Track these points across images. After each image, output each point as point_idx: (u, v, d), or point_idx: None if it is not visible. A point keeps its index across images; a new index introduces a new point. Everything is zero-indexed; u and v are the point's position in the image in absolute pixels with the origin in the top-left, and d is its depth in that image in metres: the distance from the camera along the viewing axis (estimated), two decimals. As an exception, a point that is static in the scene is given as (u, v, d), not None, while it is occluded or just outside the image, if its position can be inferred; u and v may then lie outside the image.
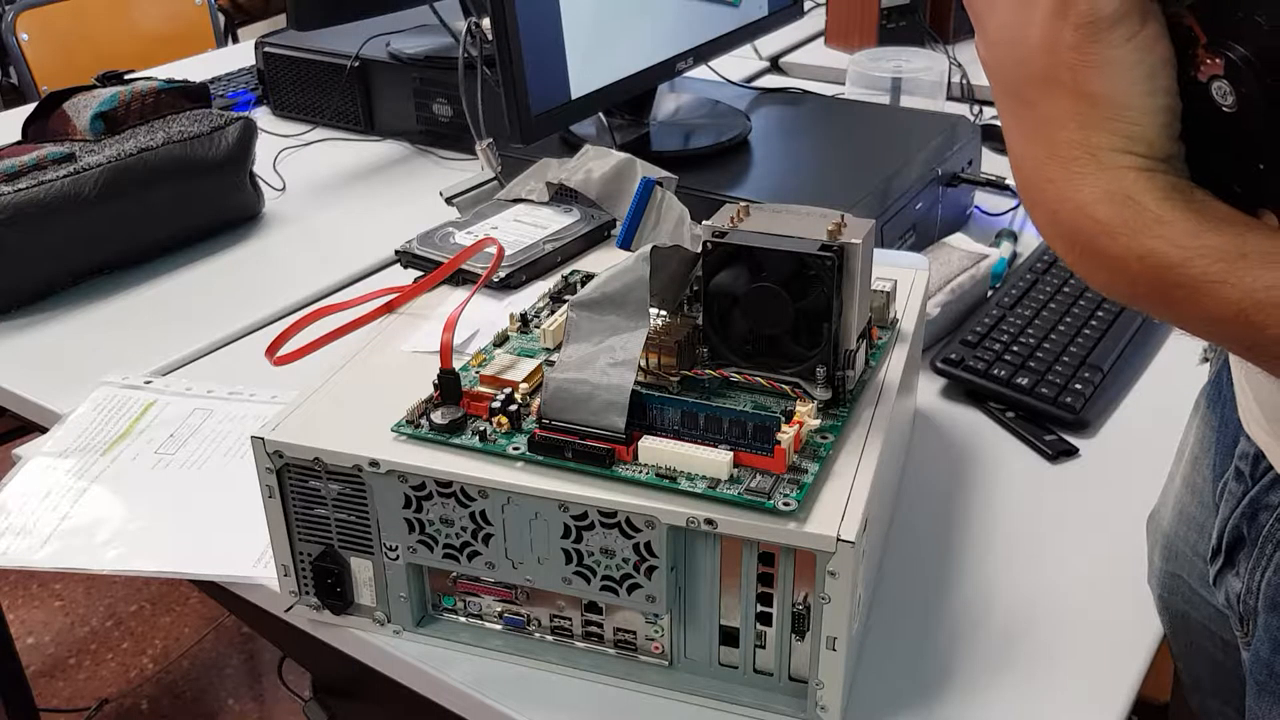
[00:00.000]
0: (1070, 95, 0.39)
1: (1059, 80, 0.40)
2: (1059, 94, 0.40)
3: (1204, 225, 0.38)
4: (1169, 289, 0.38)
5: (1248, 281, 0.36)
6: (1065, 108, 0.40)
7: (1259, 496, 0.54)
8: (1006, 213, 1.17)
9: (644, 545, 0.56)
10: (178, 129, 1.13)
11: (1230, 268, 0.37)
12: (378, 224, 1.21)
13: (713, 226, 0.61)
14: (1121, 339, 0.91)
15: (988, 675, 0.63)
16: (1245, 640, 0.56)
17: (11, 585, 2.01)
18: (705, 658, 0.60)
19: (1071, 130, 0.40)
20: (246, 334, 1.01)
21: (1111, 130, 0.39)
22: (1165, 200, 0.38)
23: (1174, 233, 0.38)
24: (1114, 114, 0.39)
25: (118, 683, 1.82)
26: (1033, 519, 0.75)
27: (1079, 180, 0.40)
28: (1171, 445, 0.70)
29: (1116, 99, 0.39)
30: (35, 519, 0.76)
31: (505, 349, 0.67)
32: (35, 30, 2.09)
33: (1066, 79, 0.39)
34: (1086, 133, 0.39)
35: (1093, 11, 0.38)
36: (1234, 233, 0.37)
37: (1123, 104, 0.39)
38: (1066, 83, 0.39)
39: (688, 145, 1.13)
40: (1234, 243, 0.37)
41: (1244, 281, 0.36)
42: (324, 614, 0.65)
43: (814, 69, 1.65)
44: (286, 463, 0.60)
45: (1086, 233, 0.40)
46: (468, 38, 1.11)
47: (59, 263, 1.05)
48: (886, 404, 0.62)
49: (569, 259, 0.81)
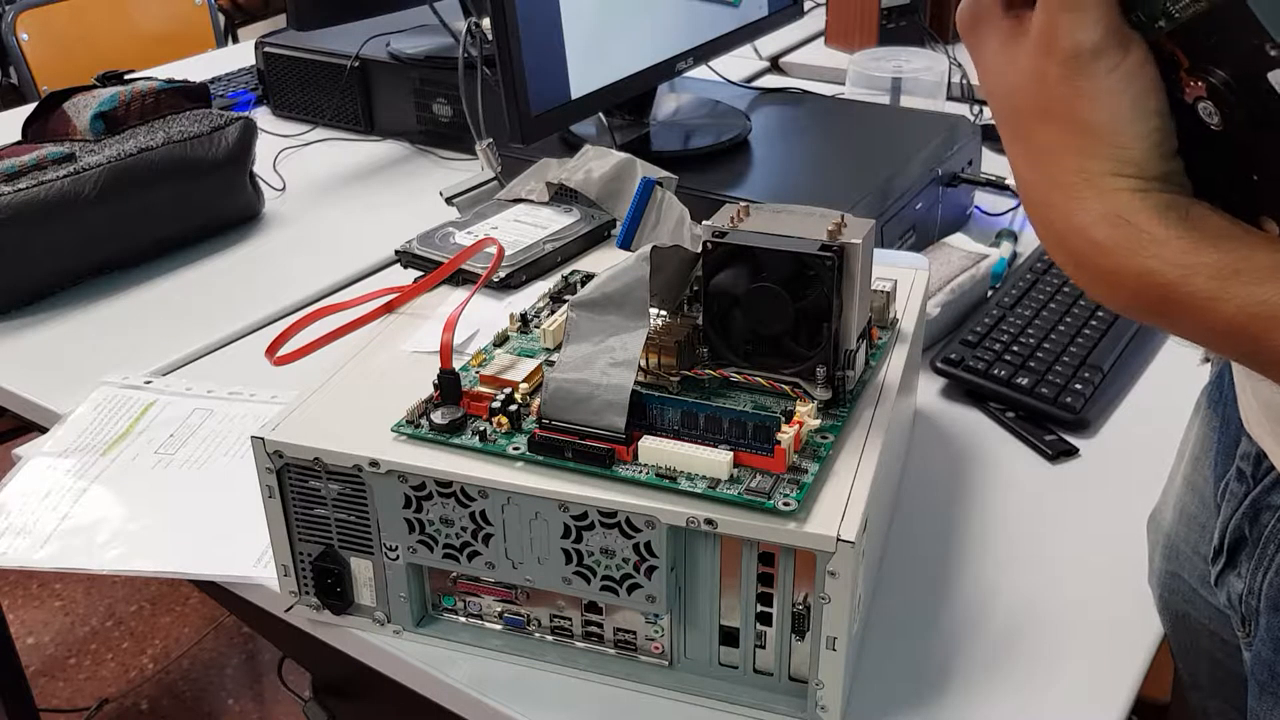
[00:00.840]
0: (1062, 126, 0.41)
1: (1050, 112, 0.41)
2: (1052, 125, 0.41)
3: (1198, 243, 0.39)
4: (1167, 305, 0.40)
5: (1242, 297, 0.37)
6: (1059, 138, 0.41)
7: (1261, 497, 0.54)
8: (1006, 213, 1.17)
9: (644, 545, 0.56)
10: (178, 129, 1.13)
11: (1224, 285, 0.38)
12: (378, 224, 1.21)
13: (713, 226, 0.61)
14: (1121, 339, 0.91)
15: (988, 675, 0.63)
16: (1247, 641, 0.56)
17: (11, 585, 2.01)
18: (705, 658, 0.60)
19: (1067, 158, 0.41)
20: (246, 334, 1.01)
21: (1105, 156, 0.40)
22: (1159, 220, 0.39)
23: (1169, 252, 0.39)
24: (1105, 141, 0.40)
25: (118, 683, 1.82)
26: (1033, 519, 0.75)
27: (1077, 204, 0.41)
28: (1171, 445, 0.70)
29: (1106, 127, 0.40)
30: (35, 519, 0.76)
31: (505, 349, 0.67)
32: (35, 30, 2.09)
33: (1057, 111, 0.41)
34: (1081, 160, 0.41)
35: (1075, 47, 0.39)
36: (1229, 248, 0.38)
37: (1113, 131, 0.40)
38: (1058, 114, 0.41)
39: (688, 145, 1.13)
40: (1228, 259, 0.38)
41: (1238, 298, 0.37)
42: (324, 614, 0.65)
43: (814, 69, 1.65)
44: (286, 463, 0.60)
45: (1087, 254, 0.41)
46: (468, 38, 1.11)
47: (59, 263, 1.05)
48: (886, 404, 0.62)
49: (569, 259, 0.81)
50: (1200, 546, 0.63)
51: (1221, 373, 0.63)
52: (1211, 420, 0.63)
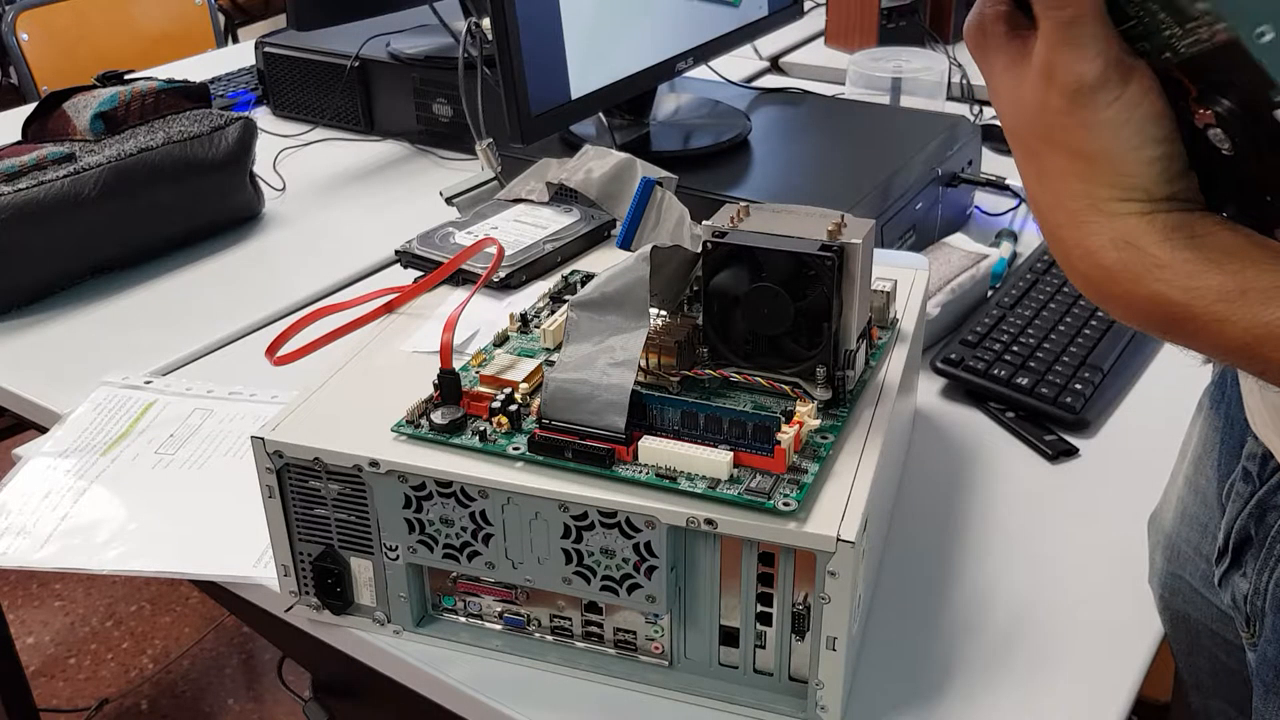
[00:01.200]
0: (1066, 153, 0.41)
1: (1054, 140, 0.41)
2: (1057, 151, 0.42)
3: (1204, 265, 0.39)
4: (1176, 325, 0.40)
5: (1249, 319, 0.38)
6: (1064, 164, 0.42)
7: (1267, 497, 0.54)
8: (1006, 213, 1.17)
9: (644, 545, 0.56)
10: (178, 129, 1.13)
11: (1231, 307, 0.38)
12: (378, 224, 1.21)
13: (713, 226, 0.61)
14: (1121, 339, 0.91)
15: (988, 675, 0.63)
16: (1252, 642, 0.56)
17: (11, 585, 2.01)
18: (705, 658, 0.60)
19: (1073, 183, 0.41)
20: (246, 334, 1.01)
21: (1109, 183, 0.41)
22: (1165, 243, 0.40)
23: (1174, 275, 0.39)
24: (1109, 169, 0.40)
25: (118, 683, 1.82)
26: (1033, 519, 0.75)
27: (1085, 229, 0.41)
28: (1171, 445, 0.70)
29: (1110, 156, 0.40)
30: (35, 519, 0.76)
31: (505, 349, 0.67)
32: (35, 30, 2.09)
33: (1061, 140, 0.41)
34: (1087, 186, 0.41)
35: (1076, 80, 0.39)
36: (1235, 269, 0.38)
37: (1117, 159, 0.40)
38: (1061, 143, 0.41)
39: (688, 145, 1.13)
40: (1235, 280, 0.38)
41: (1245, 319, 0.38)
42: (324, 614, 0.65)
43: (814, 69, 1.65)
44: (286, 463, 0.60)
45: (1097, 278, 0.42)
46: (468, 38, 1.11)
47: (59, 263, 1.05)
48: (886, 404, 0.62)
49: (569, 259, 0.81)
50: (1202, 547, 0.63)
51: (1224, 373, 0.63)
52: (1214, 421, 0.63)
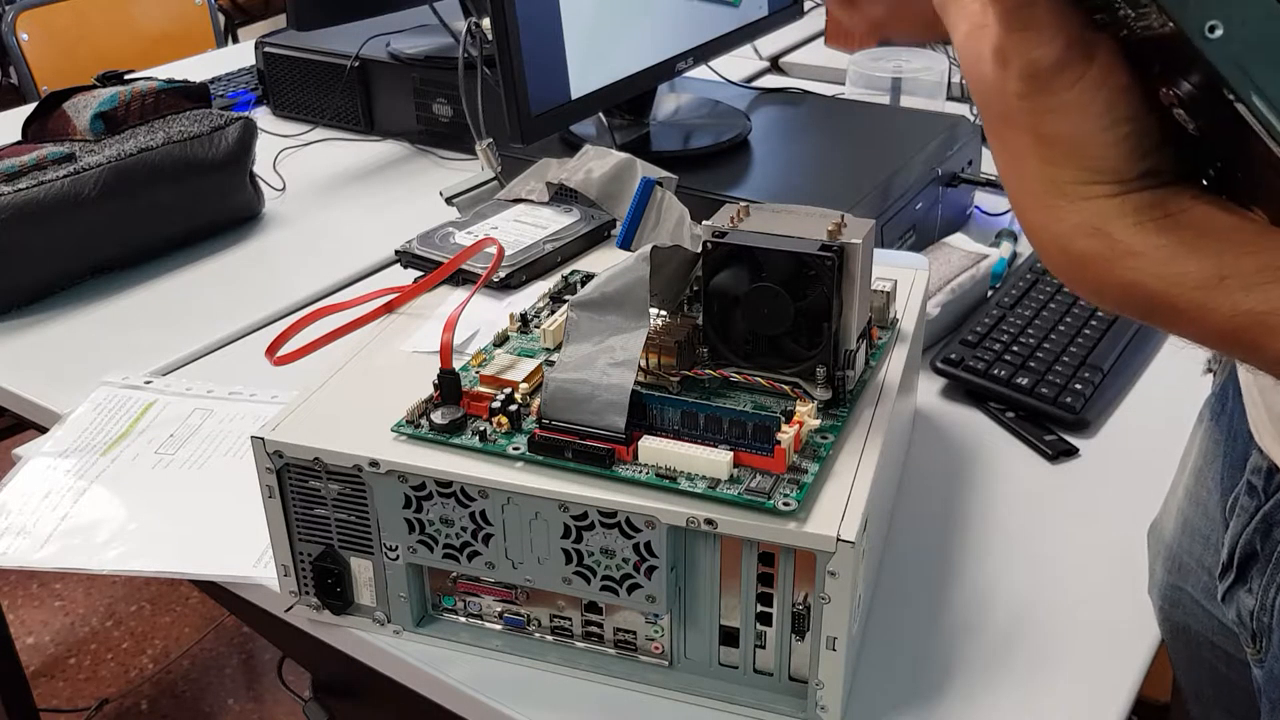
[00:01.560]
0: (1028, 136, 0.39)
1: (1014, 122, 0.39)
2: (1019, 133, 0.39)
3: (1179, 250, 0.37)
4: (1154, 312, 0.38)
5: (1229, 307, 0.36)
6: (1026, 146, 0.39)
7: (1273, 512, 0.53)
8: (1006, 213, 1.17)
9: (644, 545, 0.56)
10: (178, 129, 1.12)
11: (1209, 295, 0.36)
12: (378, 224, 1.21)
13: (713, 226, 0.61)
14: (1121, 339, 0.91)
15: (988, 675, 0.63)
16: (1258, 657, 0.55)
17: (11, 585, 2.01)
18: (705, 658, 0.60)
19: (1036, 166, 0.39)
20: (246, 334, 1.01)
21: (1075, 165, 0.38)
22: (1136, 228, 0.37)
23: (1148, 263, 0.37)
24: (1075, 151, 0.38)
25: (118, 683, 1.82)
26: (1033, 519, 0.75)
27: (1052, 212, 0.39)
28: (1171, 445, 0.70)
29: (1075, 139, 0.38)
30: (35, 519, 0.76)
31: (505, 349, 0.67)
32: (35, 30, 2.09)
33: (1021, 122, 0.39)
34: (1051, 169, 0.39)
35: (1032, 64, 0.37)
36: (1212, 251, 0.36)
37: (1083, 142, 0.38)
38: (1022, 125, 0.39)
39: (688, 145, 1.13)
40: (1213, 265, 0.36)
41: (1225, 307, 0.36)
42: (324, 614, 0.65)
43: (814, 69, 1.65)
44: (286, 463, 0.60)
45: (1066, 264, 0.40)
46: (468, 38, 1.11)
47: (59, 263, 1.05)
48: (886, 404, 0.62)
49: (569, 259, 0.81)
50: (1205, 560, 0.62)
51: (1224, 385, 0.62)
52: (1214, 433, 0.62)
